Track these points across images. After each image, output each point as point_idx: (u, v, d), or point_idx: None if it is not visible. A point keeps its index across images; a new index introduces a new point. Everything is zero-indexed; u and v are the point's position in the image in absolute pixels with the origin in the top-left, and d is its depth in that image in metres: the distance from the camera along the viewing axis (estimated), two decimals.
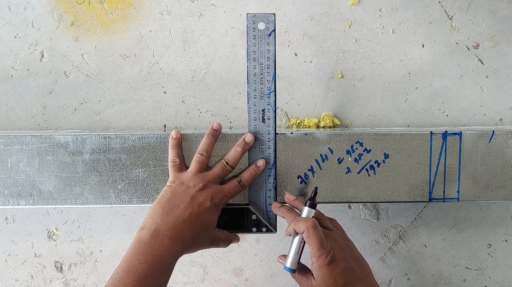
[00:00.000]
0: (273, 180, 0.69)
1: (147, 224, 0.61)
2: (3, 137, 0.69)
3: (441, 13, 0.79)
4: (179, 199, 0.63)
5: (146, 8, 0.79)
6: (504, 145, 0.71)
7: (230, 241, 0.69)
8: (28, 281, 0.81)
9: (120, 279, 0.57)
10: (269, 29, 0.65)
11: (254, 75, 0.66)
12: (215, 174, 0.66)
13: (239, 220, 0.69)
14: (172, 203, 0.63)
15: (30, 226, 0.81)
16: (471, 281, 0.83)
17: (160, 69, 0.79)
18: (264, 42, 0.66)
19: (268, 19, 0.65)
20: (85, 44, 0.79)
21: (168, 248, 0.60)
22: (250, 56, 0.66)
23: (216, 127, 0.68)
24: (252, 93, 0.67)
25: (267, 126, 0.68)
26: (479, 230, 0.82)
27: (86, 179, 0.69)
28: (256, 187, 0.69)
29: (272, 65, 0.66)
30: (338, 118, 0.80)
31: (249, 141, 0.67)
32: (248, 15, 0.65)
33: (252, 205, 0.69)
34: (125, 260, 0.59)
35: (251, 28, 0.65)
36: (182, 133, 0.69)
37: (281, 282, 0.82)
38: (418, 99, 0.80)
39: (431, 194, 0.71)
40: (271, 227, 0.70)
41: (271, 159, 0.68)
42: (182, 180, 0.65)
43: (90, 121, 0.79)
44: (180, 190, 0.64)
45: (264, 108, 0.67)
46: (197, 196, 0.63)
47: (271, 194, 0.69)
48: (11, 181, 0.69)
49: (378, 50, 0.79)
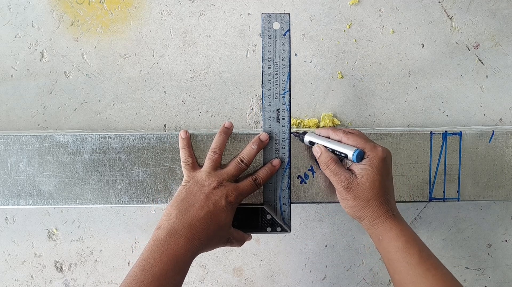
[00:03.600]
0: (288, 180, 0.69)
1: (163, 223, 0.62)
2: (3, 137, 0.69)
3: (441, 13, 0.79)
4: (194, 197, 0.63)
5: (146, 8, 0.79)
6: (504, 145, 0.71)
7: (244, 241, 0.69)
8: (28, 281, 0.81)
9: (135, 278, 0.57)
10: (284, 29, 0.65)
11: (269, 75, 0.66)
12: (230, 172, 0.66)
13: (253, 220, 0.69)
14: (187, 202, 0.63)
15: (30, 226, 0.81)
16: (471, 281, 0.83)
17: (160, 69, 0.79)
18: (279, 42, 0.65)
19: (283, 19, 0.65)
20: (85, 44, 0.79)
21: (183, 247, 0.60)
22: (265, 56, 0.66)
23: (228, 126, 0.68)
24: (267, 93, 0.67)
25: (281, 126, 0.67)
26: (479, 230, 0.82)
27: (86, 179, 0.69)
28: (270, 186, 0.69)
29: (287, 65, 0.66)
30: (338, 118, 0.80)
31: (264, 140, 0.67)
32: (263, 15, 0.65)
33: (266, 204, 0.69)
34: (141, 259, 0.59)
35: (266, 28, 0.65)
36: (191, 133, 0.69)
37: (281, 282, 0.82)
38: (418, 99, 0.80)
39: (431, 194, 0.71)
40: (285, 226, 0.69)
41: (286, 159, 0.68)
42: (197, 179, 0.65)
43: (90, 121, 0.79)
44: (195, 189, 0.64)
45: (279, 108, 0.67)
46: (212, 194, 0.63)
47: (286, 194, 0.69)
48: (11, 181, 0.69)
49: (378, 50, 0.79)
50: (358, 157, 0.62)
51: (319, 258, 0.82)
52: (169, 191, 0.70)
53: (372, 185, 0.62)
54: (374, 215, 0.62)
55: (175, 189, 0.70)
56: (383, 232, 0.62)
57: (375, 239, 0.63)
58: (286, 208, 0.69)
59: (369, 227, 0.63)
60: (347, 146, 0.64)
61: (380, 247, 0.62)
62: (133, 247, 0.81)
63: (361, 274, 0.82)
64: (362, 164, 0.63)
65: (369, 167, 0.62)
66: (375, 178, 0.62)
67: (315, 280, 0.82)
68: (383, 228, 0.62)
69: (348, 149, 0.63)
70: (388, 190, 0.64)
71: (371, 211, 0.62)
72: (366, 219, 0.63)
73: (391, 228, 0.62)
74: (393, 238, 0.61)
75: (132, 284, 0.57)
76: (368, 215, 0.63)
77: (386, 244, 0.61)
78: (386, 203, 0.63)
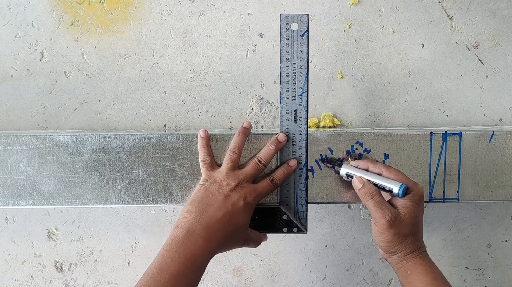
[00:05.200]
0: (305, 180, 0.68)
1: (181, 223, 0.62)
2: (3, 137, 0.69)
3: (441, 13, 0.79)
4: (212, 198, 0.63)
5: (146, 8, 0.79)
6: (504, 145, 0.71)
7: (260, 241, 0.69)
8: (28, 281, 0.82)
9: (152, 276, 0.58)
10: (302, 30, 0.65)
11: (287, 76, 0.66)
12: (248, 173, 0.66)
13: (270, 220, 0.69)
14: (205, 202, 0.63)
15: (30, 226, 0.81)
16: (471, 281, 0.83)
17: (160, 69, 0.79)
18: (297, 42, 0.65)
19: (301, 19, 0.65)
20: (85, 44, 0.79)
21: (201, 247, 0.60)
22: (283, 57, 0.66)
23: (247, 126, 0.68)
24: (285, 93, 0.66)
25: (299, 127, 0.67)
26: (479, 230, 0.82)
27: (86, 179, 0.69)
28: (287, 187, 0.69)
29: (305, 66, 0.66)
30: (338, 118, 0.80)
31: (282, 141, 0.67)
32: (282, 16, 0.65)
33: (283, 205, 0.69)
34: (158, 257, 0.59)
35: (284, 29, 0.65)
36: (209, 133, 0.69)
37: (281, 282, 0.82)
38: (418, 99, 0.80)
39: (431, 194, 0.71)
40: (302, 227, 0.69)
41: (303, 159, 0.68)
42: (215, 179, 0.65)
43: (90, 121, 0.79)
44: (213, 189, 0.64)
45: (297, 109, 0.67)
46: (231, 195, 0.63)
47: (302, 194, 0.69)
48: (11, 181, 0.69)
49: (378, 50, 0.79)
50: (403, 192, 0.62)
51: (319, 258, 0.82)
52: (169, 191, 0.70)
53: (413, 221, 0.63)
54: (408, 250, 0.63)
55: (175, 189, 0.70)
56: (413, 267, 0.63)
57: (402, 273, 0.64)
58: (302, 209, 0.69)
59: (398, 261, 0.64)
60: (391, 181, 0.63)
61: (406, 281, 0.63)
62: (133, 247, 0.81)
63: (361, 274, 0.82)
64: (405, 199, 0.63)
65: (412, 202, 0.62)
66: (416, 214, 0.63)
67: (315, 280, 0.82)
68: (414, 263, 0.63)
69: (393, 184, 0.63)
70: (422, 226, 0.65)
71: (406, 246, 0.63)
72: (399, 254, 0.64)
73: (421, 263, 0.63)
74: (422, 273, 0.62)
75: (149, 282, 0.57)
76: (402, 250, 0.63)
77: (413, 278, 0.62)
78: (420, 239, 0.65)
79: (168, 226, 0.81)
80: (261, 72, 0.79)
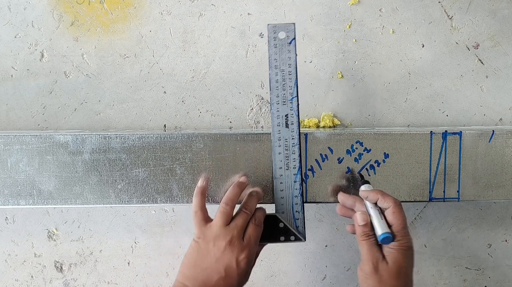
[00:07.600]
0: (299, 186, 0.67)
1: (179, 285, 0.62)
2: (3, 137, 0.69)
3: (441, 13, 0.79)
4: (205, 261, 0.62)
5: (146, 8, 0.79)
6: (504, 145, 0.71)
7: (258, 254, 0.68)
8: (28, 281, 0.81)
9: None
10: (290, 38, 0.66)
11: (276, 82, 0.66)
12: (238, 225, 0.64)
13: (266, 229, 0.66)
14: (200, 267, 0.62)
15: (30, 226, 0.81)
16: (471, 281, 0.83)
17: (160, 69, 0.79)
18: (285, 50, 0.66)
19: (288, 28, 0.66)
20: (85, 44, 0.79)
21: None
22: (272, 64, 0.66)
23: (244, 181, 0.68)
24: (275, 99, 0.67)
25: (291, 131, 0.67)
26: (479, 230, 0.82)
27: (86, 178, 0.69)
28: (282, 193, 0.68)
29: (294, 72, 0.66)
30: (338, 118, 0.80)
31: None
32: (269, 26, 0.66)
33: (278, 213, 0.68)
34: None
35: (272, 38, 0.66)
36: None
37: (281, 282, 0.82)
38: (418, 99, 0.80)
39: (431, 193, 0.71)
40: (299, 235, 0.68)
41: (297, 165, 0.67)
42: (207, 237, 0.63)
43: (90, 121, 0.79)
44: (206, 249, 0.63)
45: (287, 113, 0.67)
46: (222, 257, 0.62)
47: (298, 201, 0.68)
48: (11, 181, 0.69)
49: (378, 50, 0.79)
50: (384, 240, 0.61)
51: (319, 258, 0.82)
52: (169, 190, 0.70)
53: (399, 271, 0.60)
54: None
55: (175, 189, 0.70)
56: None
57: None
58: (299, 216, 0.68)
59: None
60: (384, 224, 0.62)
61: None
62: (133, 247, 0.81)
63: None
64: (391, 247, 0.61)
65: (397, 251, 0.61)
66: (403, 265, 0.61)
67: (315, 280, 0.82)
68: None
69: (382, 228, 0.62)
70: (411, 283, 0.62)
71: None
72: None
73: None
74: None
75: None
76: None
77: None
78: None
79: (168, 226, 0.81)
80: (261, 72, 0.79)
